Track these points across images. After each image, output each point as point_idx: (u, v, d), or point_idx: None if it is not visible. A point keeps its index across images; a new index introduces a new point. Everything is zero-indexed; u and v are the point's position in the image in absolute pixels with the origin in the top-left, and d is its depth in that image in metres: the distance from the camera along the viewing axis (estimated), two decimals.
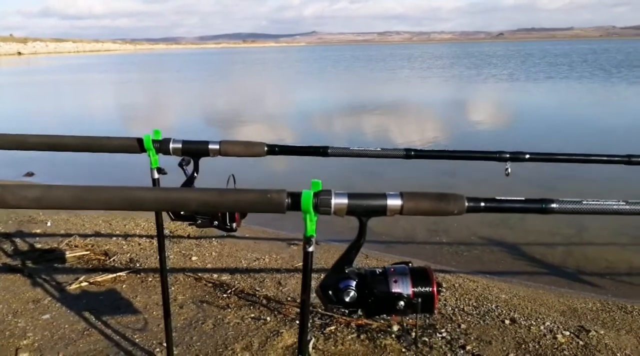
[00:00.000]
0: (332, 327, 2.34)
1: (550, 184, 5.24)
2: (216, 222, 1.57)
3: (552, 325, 2.44)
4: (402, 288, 1.08)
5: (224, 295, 2.72)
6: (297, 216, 1.05)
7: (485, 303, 2.67)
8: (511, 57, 42.47)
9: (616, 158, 1.77)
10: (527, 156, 1.74)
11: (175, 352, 2.14)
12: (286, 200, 1.03)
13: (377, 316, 1.23)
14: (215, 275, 3.01)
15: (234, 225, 1.59)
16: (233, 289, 2.77)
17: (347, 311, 1.16)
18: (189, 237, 3.77)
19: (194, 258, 3.31)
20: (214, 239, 3.71)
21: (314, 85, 20.92)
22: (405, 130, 9.52)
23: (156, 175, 1.61)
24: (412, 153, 1.71)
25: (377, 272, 1.12)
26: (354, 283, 1.09)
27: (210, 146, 1.60)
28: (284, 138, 8.94)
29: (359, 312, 1.16)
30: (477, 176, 5.43)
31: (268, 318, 2.45)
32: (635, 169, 1.88)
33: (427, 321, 2.44)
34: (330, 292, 1.10)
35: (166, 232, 3.88)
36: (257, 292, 2.74)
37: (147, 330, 2.36)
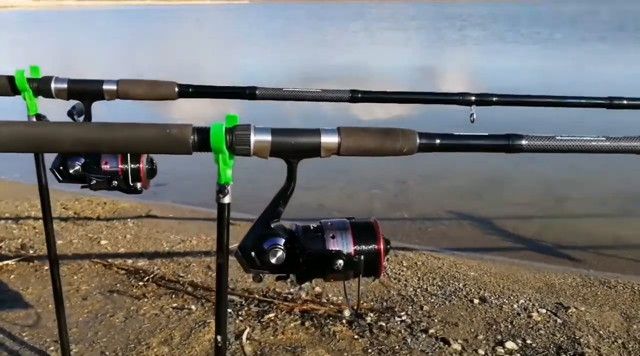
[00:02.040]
0: (271, 314, 2.31)
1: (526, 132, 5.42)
2: (115, 182, 1.47)
3: (527, 303, 2.49)
4: (341, 245, 1.03)
5: (140, 284, 2.63)
6: (240, 191, 0.99)
7: (451, 282, 2.70)
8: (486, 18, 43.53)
9: (596, 101, 1.78)
10: (495, 99, 1.72)
11: (74, 350, 2.04)
12: (192, 137, 0.95)
13: (311, 281, 1.19)
14: (129, 261, 2.91)
15: (139, 185, 1.50)
16: (151, 276, 2.69)
17: (274, 277, 1.12)
18: (98, 218, 3.64)
19: (103, 241, 3.20)
20: (129, 220, 3.61)
21: (264, 49, 20.65)
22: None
23: None
24: (359, 95, 1.66)
25: (311, 227, 1.07)
26: (282, 242, 1.04)
27: (106, 86, 1.48)
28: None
29: (290, 278, 1.13)
30: (437, 124, 5.53)
31: (193, 308, 2.38)
32: (617, 114, 1.90)
33: (384, 304, 2.43)
34: (252, 254, 1.04)
35: (70, 213, 3.72)
36: (180, 279, 2.67)
37: (40, 326, 2.24)
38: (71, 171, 1.49)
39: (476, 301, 2.50)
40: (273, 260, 1.02)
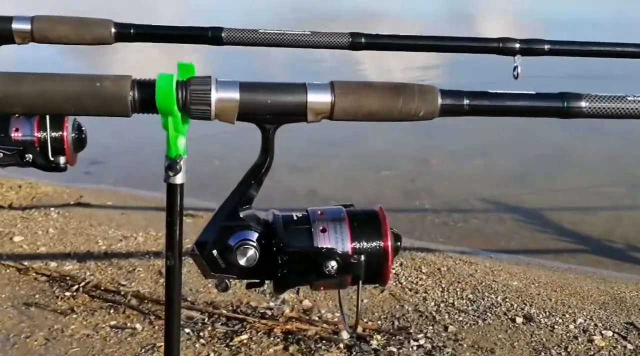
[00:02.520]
0: (244, 336, 2.32)
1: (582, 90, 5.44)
2: (29, 156, 1.46)
3: (587, 323, 2.52)
4: (335, 241, 1.03)
5: (67, 294, 2.63)
6: (199, 172, 0.98)
7: (487, 294, 2.72)
8: None
9: None
10: (547, 47, 1.72)
11: None
12: (130, 93, 0.95)
13: (293, 289, 1.20)
14: (52, 264, 2.92)
15: (62, 160, 1.49)
16: (82, 284, 2.69)
17: (243, 284, 1.13)
18: (10, 207, 3.64)
19: (17, 238, 3.21)
20: (53, 209, 3.61)
21: None
22: None
23: None
24: (362, 40, 1.65)
25: (295, 218, 1.07)
26: (254, 236, 1.04)
27: (16, 25, 1.47)
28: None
29: (266, 286, 1.13)
30: (468, 80, 5.53)
31: (138, 326, 2.39)
32: None
33: (395, 324, 2.45)
34: (214, 253, 1.04)
35: None
36: (122, 288, 2.67)
37: None
38: None
39: (519, 320, 2.52)
40: (242, 261, 1.02)
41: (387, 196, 4.30)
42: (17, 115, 1.43)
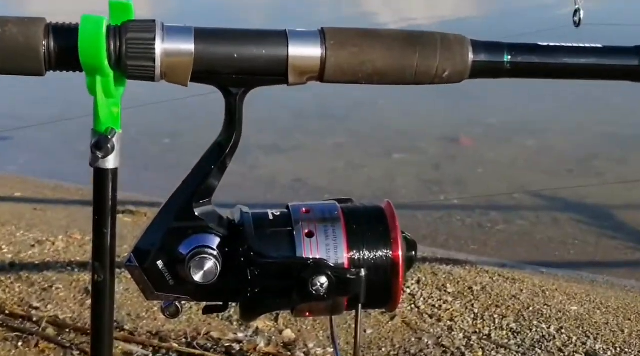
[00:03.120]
0: None
1: None
2: None
3: None
4: (326, 249, 1.03)
5: None
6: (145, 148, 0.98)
7: (535, 323, 2.73)
8: None
9: None
10: None
11: None
12: (44, 43, 0.95)
13: (264, 322, 1.21)
14: None
15: None
16: None
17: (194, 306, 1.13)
18: None
19: None
20: None
21: None
22: None
23: None
24: None
25: (271, 217, 1.07)
26: (214, 242, 1.04)
27: None
28: None
29: (232, 310, 1.14)
30: (513, 30, 5.53)
31: None
32: None
33: None
34: (159, 264, 1.05)
35: None
36: (34, 312, 2.68)
37: None
38: None
39: None
40: (198, 277, 1.02)
41: (401, 188, 4.33)
42: None
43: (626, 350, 2.63)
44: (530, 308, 2.86)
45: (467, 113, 5.18)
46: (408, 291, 2.90)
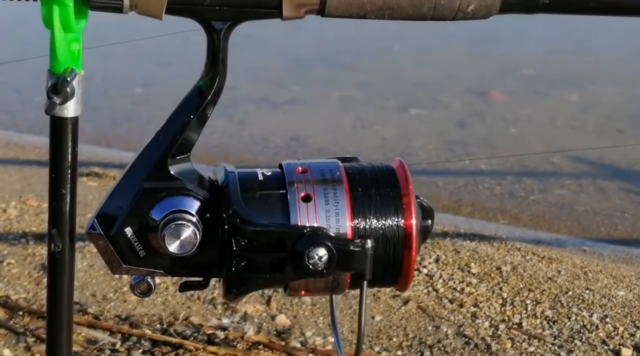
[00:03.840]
0: None
1: None
2: None
3: None
4: (325, 215, 1.04)
5: None
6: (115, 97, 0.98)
7: (575, 310, 2.74)
8: None
9: None
10: None
11: None
12: None
13: (259, 294, 1.22)
14: None
15: None
16: None
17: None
18: None
19: None
20: None
21: None
22: None
23: None
24: None
25: (260, 177, 1.08)
26: (194, 206, 1.05)
27: None
28: None
29: (214, 287, 1.14)
30: None
31: (7, 353, 2.39)
32: None
33: (426, 354, 2.48)
34: (127, 232, 1.05)
35: None
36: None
37: None
38: None
39: (628, 352, 2.54)
40: (173, 247, 1.03)
41: (418, 150, 4.33)
42: None
43: None
44: (570, 293, 2.86)
45: (498, 62, 5.17)
46: (425, 271, 2.91)
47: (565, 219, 3.69)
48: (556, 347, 2.59)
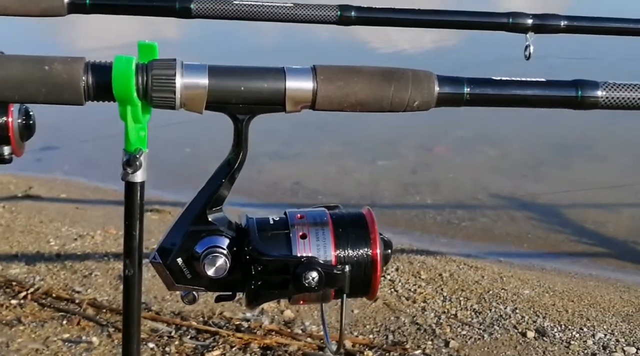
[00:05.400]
0: (216, 352, 2.33)
1: (601, 74, 5.47)
2: None
3: (608, 338, 2.54)
4: (317, 249, 1.04)
5: (13, 302, 2.64)
6: (165, 157, 0.98)
7: (494, 304, 2.74)
8: None
9: None
10: (563, 23, 1.74)
11: None
12: (84, 78, 0.95)
13: (267, 304, 1.23)
14: None
15: (6, 150, 1.50)
16: (31, 291, 2.70)
17: (213, 296, 1.13)
18: None
19: None
20: None
21: None
22: None
23: None
24: (353, 14, 1.66)
25: (272, 222, 1.08)
26: (224, 243, 1.05)
27: None
28: None
29: (239, 297, 1.14)
30: (473, 60, 5.54)
31: (95, 340, 2.40)
32: None
33: (390, 338, 2.48)
34: (178, 261, 1.05)
35: None
36: (76, 296, 2.68)
37: None
38: None
39: (531, 334, 2.54)
40: (211, 272, 1.03)
41: (384, 190, 4.32)
42: None
43: (569, 327, 2.65)
44: (490, 292, 2.87)
45: (439, 128, 5.16)
46: (388, 277, 2.92)
47: (487, 239, 3.70)
48: (481, 331, 2.61)
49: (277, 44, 5.82)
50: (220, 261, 1.03)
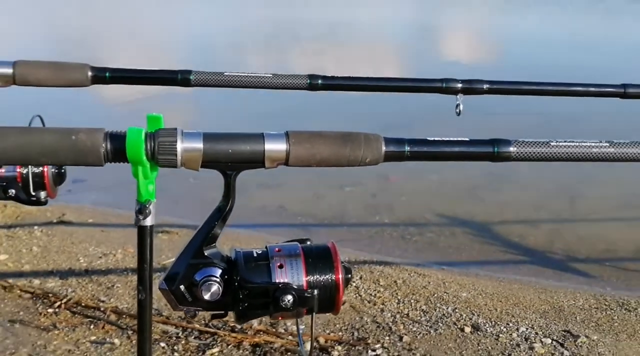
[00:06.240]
0: (215, 350, 2.33)
1: (519, 127, 5.56)
2: (12, 191, 1.48)
3: (529, 331, 2.57)
4: (291, 276, 1.06)
5: (49, 311, 2.62)
6: (173, 188, 1.00)
7: (438, 305, 2.76)
8: None
9: (608, 90, 1.84)
10: (486, 86, 1.77)
11: None
12: (103, 145, 0.97)
13: (254, 320, 1.25)
14: (36, 281, 2.89)
15: (43, 194, 1.51)
16: (64, 301, 2.68)
17: (206, 315, 1.15)
18: None
19: (2, 256, 3.17)
20: (36, 227, 3.58)
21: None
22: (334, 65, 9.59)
23: None
24: (319, 82, 1.69)
25: (255, 254, 1.10)
26: (217, 272, 1.06)
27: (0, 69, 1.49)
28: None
29: (230, 316, 1.15)
30: (414, 117, 5.60)
31: (117, 341, 2.39)
32: (632, 105, 1.97)
33: (355, 334, 2.48)
34: (181, 287, 1.07)
35: None
36: (101, 304, 2.66)
37: None
38: None
39: (468, 329, 2.56)
40: (206, 296, 1.05)
41: (350, 211, 4.35)
42: None
43: (498, 322, 2.68)
44: (435, 295, 2.89)
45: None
46: (354, 284, 2.92)
47: (432, 251, 3.72)
48: (428, 327, 2.62)
49: (258, 105, 5.84)
50: (214, 287, 1.05)
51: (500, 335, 2.54)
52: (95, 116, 5.88)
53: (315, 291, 1.05)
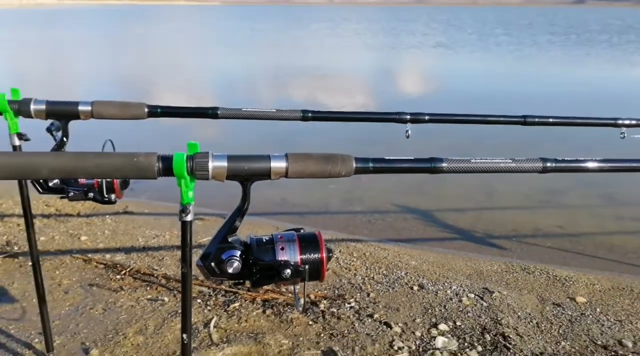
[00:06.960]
0: (236, 304, 2.32)
1: (452, 145, 5.59)
2: (91, 194, 1.49)
3: (458, 289, 2.60)
4: (289, 255, 1.09)
5: (117, 277, 2.62)
6: (206, 188, 1.01)
7: (395, 270, 2.78)
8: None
9: (513, 119, 1.87)
10: (427, 117, 1.79)
11: (57, 341, 2.04)
12: (157, 165, 0.99)
13: (264, 286, 1.27)
14: (107, 256, 2.89)
15: (113, 196, 1.52)
16: (128, 270, 2.68)
17: (233, 283, 1.16)
18: (78, 215, 3.59)
19: (83, 237, 3.16)
20: (107, 216, 3.56)
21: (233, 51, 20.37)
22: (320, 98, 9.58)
23: (17, 142, 1.48)
24: (309, 115, 1.71)
25: (264, 240, 1.12)
26: (238, 253, 1.08)
27: (81, 108, 1.50)
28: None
29: (247, 284, 1.17)
30: (376, 140, 5.61)
31: (166, 299, 2.39)
32: (530, 130, 2.01)
33: (336, 292, 2.50)
34: (212, 264, 1.09)
35: (52, 210, 3.66)
36: (155, 272, 2.67)
37: (25, 320, 2.22)
38: (50, 184, 1.51)
39: (415, 288, 2.59)
40: (230, 270, 1.07)
41: (332, 201, 4.35)
42: None
43: (437, 283, 2.71)
44: (392, 263, 2.91)
45: None
46: (335, 257, 2.93)
47: (391, 231, 3.73)
48: (388, 286, 2.63)
49: (266, 130, 5.86)
50: (236, 264, 1.06)
51: (439, 292, 2.56)
52: (151, 138, 5.85)
53: (307, 266, 1.07)
